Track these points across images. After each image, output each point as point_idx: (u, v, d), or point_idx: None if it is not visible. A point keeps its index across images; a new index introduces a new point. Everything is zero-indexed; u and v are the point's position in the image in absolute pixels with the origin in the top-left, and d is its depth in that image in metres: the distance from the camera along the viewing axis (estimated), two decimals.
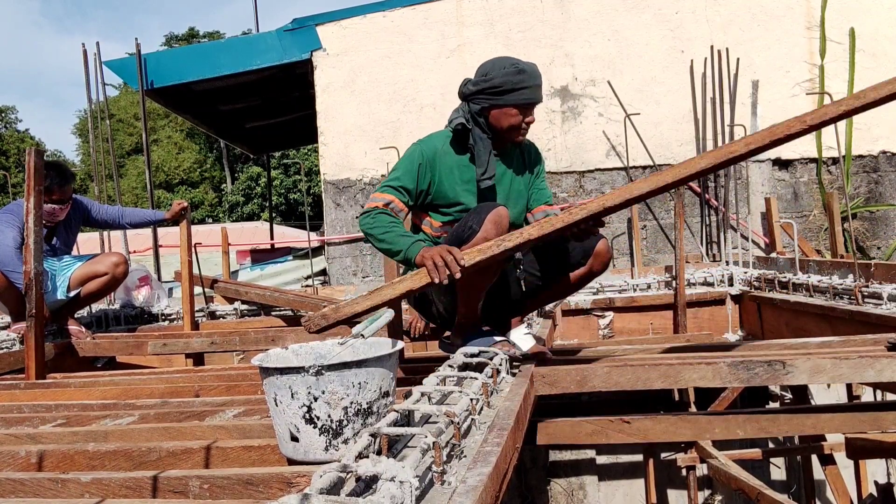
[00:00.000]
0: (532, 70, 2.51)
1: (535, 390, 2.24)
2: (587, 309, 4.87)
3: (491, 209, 2.37)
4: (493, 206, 2.39)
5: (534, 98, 2.51)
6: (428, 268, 2.18)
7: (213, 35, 32.90)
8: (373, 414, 1.48)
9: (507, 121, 2.53)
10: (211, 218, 29.30)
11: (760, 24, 6.11)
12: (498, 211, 2.36)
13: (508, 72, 2.49)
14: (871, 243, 6.12)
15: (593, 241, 2.60)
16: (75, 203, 4.15)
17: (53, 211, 3.90)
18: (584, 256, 2.61)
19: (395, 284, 2.16)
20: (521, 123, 2.54)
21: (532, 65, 2.54)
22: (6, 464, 1.67)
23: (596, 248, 2.59)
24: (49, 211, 3.86)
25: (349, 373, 1.44)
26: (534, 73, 2.51)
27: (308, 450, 1.46)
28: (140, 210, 4.56)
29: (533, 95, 2.51)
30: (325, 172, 6.21)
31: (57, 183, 3.87)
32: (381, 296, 2.12)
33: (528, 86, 2.49)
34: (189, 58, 6.79)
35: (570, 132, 6.13)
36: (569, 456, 4.94)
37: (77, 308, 4.19)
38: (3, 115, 34.31)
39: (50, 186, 3.81)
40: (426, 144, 2.58)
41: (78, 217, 4.21)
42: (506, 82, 2.49)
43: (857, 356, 2.16)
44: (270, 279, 8.12)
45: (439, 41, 6.17)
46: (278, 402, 1.47)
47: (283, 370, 1.45)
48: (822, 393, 4.64)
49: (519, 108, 2.51)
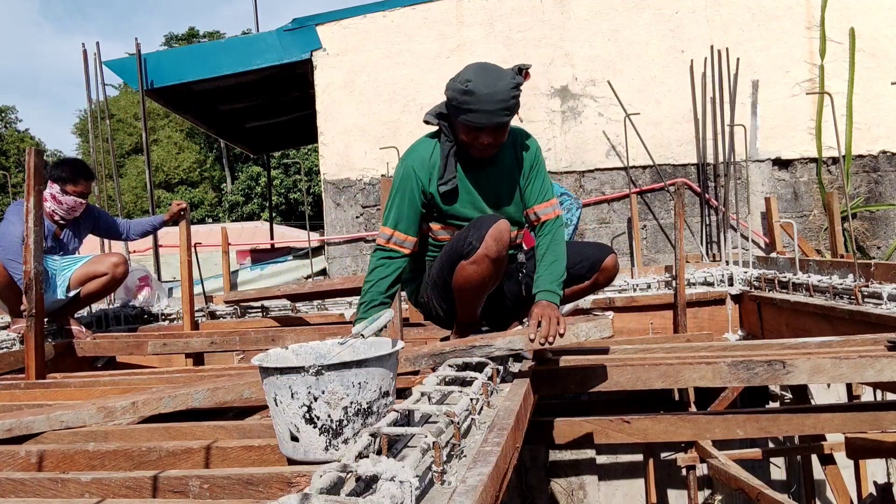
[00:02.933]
0: (484, 93, 2.24)
1: (535, 390, 2.24)
2: (587, 309, 4.87)
3: (491, 224, 2.30)
4: (493, 221, 2.32)
5: (478, 122, 2.28)
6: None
7: (213, 35, 32.89)
8: (373, 414, 1.48)
9: (461, 136, 2.38)
10: (211, 218, 29.29)
11: (760, 24, 6.11)
12: (498, 226, 2.29)
13: (457, 90, 2.29)
14: (871, 243, 6.12)
15: (603, 255, 2.56)
16: (89, 207, 4.16)
17: (75, 205, 3.94)
18: (591, 270, 2.57)
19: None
20: (474, 143, 2.36)
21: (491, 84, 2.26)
22: (6, 464, 1.67)
23: (604, 264, 2.55)
24: (71, 205, 3.91)
25: (349, 373, 1.44)
26: (485, 96, 2.24)
27: (308, 450, 1.46)
28: (142, 220, 4.52)
29: (477, 120, 2.27)
30: (325, 172, 6.21)
31: (84, 174, 3.93)
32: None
33: (474, 109, 2.27)
34: (189, 58, 6.78)
35: (570, 132, 6.13)
36: (569, 456, 4.95)
37: (77, 308, 4.19)
38: (3, 115, 34.30)
39: (76, 178, 3.87)
40: (413, 158, 2.48)
41: (89, 221, 4.22)
42: (453, 99, 2.32)
43: (857, 356, 2.16)
44: (270, 279, 8.11)
45: (439, 41, 6.17)
46: (278, 401, 1.47)
47: (283, 370, 1.45)
48: (822, 393, 4.64)
49: (466, 129, 2.34)
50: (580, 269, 2.56)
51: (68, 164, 3.96)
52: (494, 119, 2.28)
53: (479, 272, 2.33)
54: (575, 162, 6.14)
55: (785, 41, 6.10)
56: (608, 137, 6.10)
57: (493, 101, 2.26)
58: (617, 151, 6.08)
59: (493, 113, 2.27)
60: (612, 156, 6.11)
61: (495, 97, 2.25)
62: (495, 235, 2.27)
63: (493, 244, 2.27)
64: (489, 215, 2.41)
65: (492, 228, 2.28)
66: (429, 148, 2.48)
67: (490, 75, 2.29)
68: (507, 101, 2.27)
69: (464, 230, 2.38)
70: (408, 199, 2.43)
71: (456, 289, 2.42)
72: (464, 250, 2.31)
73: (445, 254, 2.44)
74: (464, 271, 2.35)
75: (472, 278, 2.35)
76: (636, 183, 6.09)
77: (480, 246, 2.27)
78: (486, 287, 2.42)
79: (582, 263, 2.56)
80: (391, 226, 2.43)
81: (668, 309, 4.88)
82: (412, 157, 2.49)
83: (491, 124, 2.29)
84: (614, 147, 6.09)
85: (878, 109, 6.07)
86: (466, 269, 2.34)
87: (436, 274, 2.50)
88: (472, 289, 2.39)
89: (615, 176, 6.14)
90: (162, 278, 6.18)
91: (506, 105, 2.28)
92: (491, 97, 2.25)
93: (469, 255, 2.30)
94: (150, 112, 20.86)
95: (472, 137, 2.35)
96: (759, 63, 6.08)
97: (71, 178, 3.87)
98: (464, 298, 2.44)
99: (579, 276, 2.58)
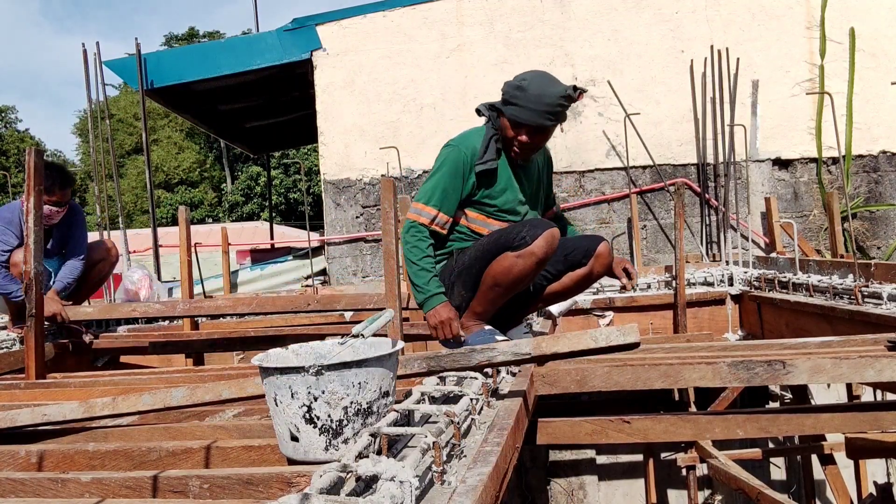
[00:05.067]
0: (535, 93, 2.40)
1: (535, 390, 2.24)
2: (587, 309, 4.87)
3: (547, 227, 2.39)
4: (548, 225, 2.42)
5: (521, 118, 2.42)
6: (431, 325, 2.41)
7: (213, 35, 32.88)
8: (373, 414, 1.48)
9: (504, 131, 2.52)
10: (211, 218, 29.26)
11: (760, 24, 6.11)
12: (553, 232, 2.39)
13: (512, 84, 2.46)
14: (871, 243, 6.12)
15: (595, 243, 2.61)
16: (73, 208, 4.12)
17: (50, 213, 3.83)
18: (585, 257, 2.62)
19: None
20: (514, 140, 2.49)
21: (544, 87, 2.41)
22: (6, 464, 1.67)
23: (597, 250, 2.60)
24: (47, 213, 3.76)
25: (349, 373, 1.44)
26: (535, 96, 2.40)
27: (308, 449, 1.46)
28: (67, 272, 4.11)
29: (521, 115, 2.42)
30: (325, 172, 6.21)
31: (59, 183, 3.85)
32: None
33: (522, 105, 2.41)
34: (189, 58, 6.79)
35: (570, 132, 6.13)
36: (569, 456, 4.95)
37: (80, 301, 4.21)
38: (3, 115, 34.29)
39: (51, 187, 3.76)
40: (461, 141, 2.56)
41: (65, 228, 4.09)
42: (506, 93, 2.47)
43: (857, 356, 2.15)
44: (270, 279, 8.11)
45: (439, 41, 6.17)
46: (278, 401, 1.47)
47: (283, 370, 1.45)
48: (822, 393, 4.64)
49: (510, 123, 2.48)
50: (575, 255, 2.63)
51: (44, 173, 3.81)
52: (537, 119, 2.41)
53: (521, 267, 2.39)
54: (575, 162, 6.14)
55: (785, 41, 6.10)
56: (608, 137, 6.10)
57: (540, 102, 2.39)
58: (617, 151, 6.08)
59: (537, 113, 2.40)
60: (612, 156, 6.11)
61: (543, 99, 2.39)
62: (549, 239, 2.37)
63: (545, 245, 2.36)
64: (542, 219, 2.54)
65: (546, 232, 2.37)
66: (477, 136, 2.57)
67: (545, 79, 2.44)
68: (554, 107, 2.41)
69: (516, 225, 2.46)
70: (455, 181, 2.50)
71: (488, 278, 2.46)
72: (514, 242, 2.38)
73: (491, 241, 2.48)
74: (506, 261, 2.40)
75: (512, 270, 2.40)
76: (636, 183, 6.09)
77: (532, 243, 2.35)
78: (519, 285, 2.48)
79: (576, 251, 2.62)
80: (435, 206, 2.48)
81: (669, 309, 4.88)
82: (461, 140, 2.58)
83: (533, 123, 2.42)
84: (614, 147, 6.09)
85: (878, 109, 6.07)
86: (509, 260, 2.39)
87: (468, 261, 2.53)
88: (507, 282, 2.44)
89: (615, 176, 6.14)
90: (162, 278, 6.18)
91: (552, 110, 2.40)
92: (539, 98, 2.39)
93: (518, 247, 2.36)
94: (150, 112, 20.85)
95: (514, 134, 2.46)
96: (759, 63, 6.08)
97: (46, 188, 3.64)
98: (493, 290, 2.47)
99: (576, 263, 2.64)
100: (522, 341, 1.93)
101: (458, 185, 2.50)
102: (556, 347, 1.84)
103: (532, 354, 1.86)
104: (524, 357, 1.87)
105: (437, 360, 1.89)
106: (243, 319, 4.92)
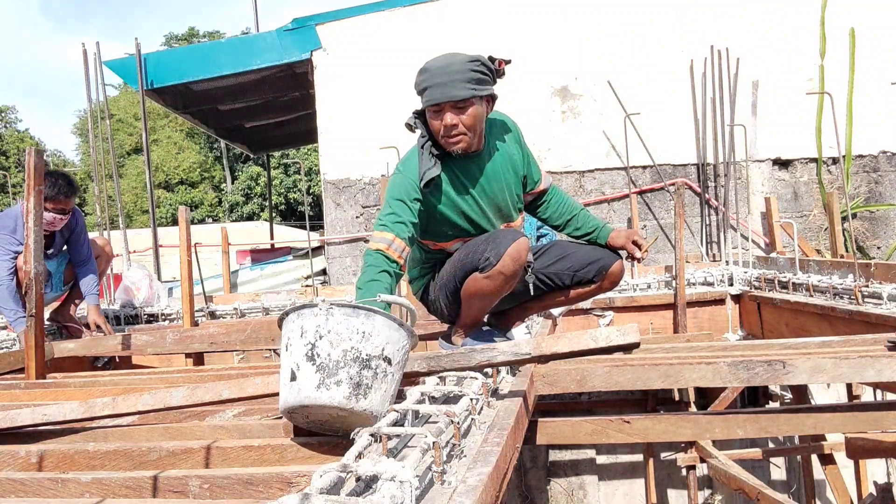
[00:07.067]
0: (437, 67, 2.20)
1: (536, 390, 2.24)
2: (587, 309, 4.87)
3: (511, 241, 2.24)
4: (512, 238, 2.26)
5: (432, 98, 2.19)
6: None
7: (213, 35, 32.87)
8: (370, 369, 1.51)
9: (430, 125, 2.30)
10: (211, 218, 29.27)
11: (761, 24, 6.11)
12: (518, 245, 2.24)
13: (418, 72, 2.26)
14: (871, 243, 6.12)
15: (609, 261, 2.57)
16: (73, 212, 4.13)
17: (53, 221, 3.84)
18: (598, 275, 2.58)
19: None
20: (441, 129, 2.25)
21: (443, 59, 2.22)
22: (6, 464, 1.67)
23: (610, 269, 2.57)
24: (49, 220, 3.78)
25: (356, 320, 1.51)
26: (438, 69, 2.19)
27: (302, 387, 1.50)
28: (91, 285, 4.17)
29: (431, 96, 2.20)
30: (325, 172, 6.21)
31: (64, 192, 3.85)
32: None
33: (429, 85, 2.20)
34: (189, 58, 6.78)
35: (570, 132, 6.13)
36: (569, 456, 4.95)
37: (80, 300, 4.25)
38: (3, 115, 34.28)
39: (56, 195, 3.78)
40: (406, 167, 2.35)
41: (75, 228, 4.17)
42: (416, 87, 2.27)
43: (857, 356, 2.15)
44: (270, 279, 8.12)
45: (439, 41, 6.16)
46: (289, 346, 1.54)
47: (300, 307, 1.54)
48: (822, 393, 4.64)
49: (430, 114, 2.26)
50: (587, 273, 2.57)
51: (50, 180, 3.77)
52: (450, 91, 2.18)
53: (492, 286, 2.32)
54: (575, 162, 6.13)
55: (785, 41, 6.10)
56: (608, 137, 6.10)
57: (445, 74, 2.18)
58: (617, 151, 6.08)
59: (446, 85, 2.18)
60: (612, 156, 6.11)
61: (447, 69, 2.19)
62: (514, 255, 2.24)
63: (511, 263, 2.25)
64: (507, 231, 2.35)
65: (511, 248, 2.24)
66: (413, 153, 2.40)
67: (448, 54, 2.26)
68: (465, 73, 2.19)
69: (481, 242, 2.32)
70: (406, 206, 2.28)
71: (465, 297, 2.41)
72: (479, 264, 2.28)
73: (459, 261, 2.41)
74: (476, 283, 2.33)
75: (484, 291, 2.34)
76: (636, 183, 6.08)
77: (497, 263, 2.24)
78: (496, 298, 2.43)
79: (589, 268, 2.56)
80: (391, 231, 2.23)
81: (668, 309, 4.88)
82: (403, 164, 2.41)
83: (447, 97, 2.19)
84: (614, 147, 6.09)
85: (878, 109, 6.07)
86: (479, 282, 2.32)
87: (446, 278, 2.48)
88: (482, 299, 2.40)
89: (615, 176, 6.13)
90: (162, 278, 6.18)
91: (462, 77, 2.18)
92: (443, 70, 2.19)
93: (485, 269, 2.26)
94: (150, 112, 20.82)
95: (438, 122, 2.24)
96: (759, 63, 6.08)
97: (51, 195, 3.73)
98: (472, 306, 2.44)
99: (586, 281, 2.59)
100: (522, 341, 1.93)
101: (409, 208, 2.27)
102: (556, 347, 1.85)
103: (532, 354, 1.86)
104: (524, 357, 1.86)
105: (437, 360, 1.87)
106: (243, 319, 4.92)
